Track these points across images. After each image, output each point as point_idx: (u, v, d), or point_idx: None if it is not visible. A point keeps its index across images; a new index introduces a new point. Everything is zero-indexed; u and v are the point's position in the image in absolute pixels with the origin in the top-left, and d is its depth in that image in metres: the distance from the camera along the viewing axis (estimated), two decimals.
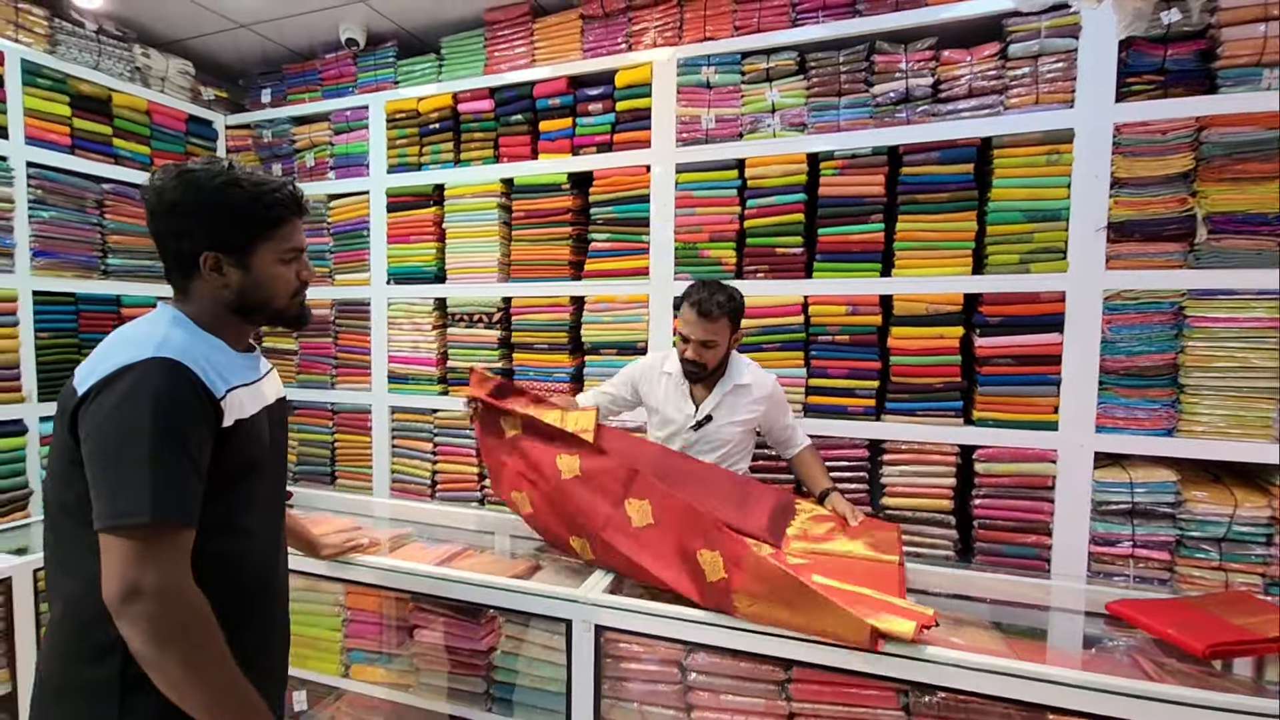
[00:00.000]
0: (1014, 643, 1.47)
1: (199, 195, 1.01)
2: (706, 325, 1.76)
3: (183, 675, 0.88)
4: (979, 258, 2.10)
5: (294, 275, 1.12)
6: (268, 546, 1.14)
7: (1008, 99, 2.04)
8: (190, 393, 0.94)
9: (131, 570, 0.86)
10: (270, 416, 1.13)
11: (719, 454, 1.92)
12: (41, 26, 2.62)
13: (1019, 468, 2.03)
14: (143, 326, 1.01)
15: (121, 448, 0.89)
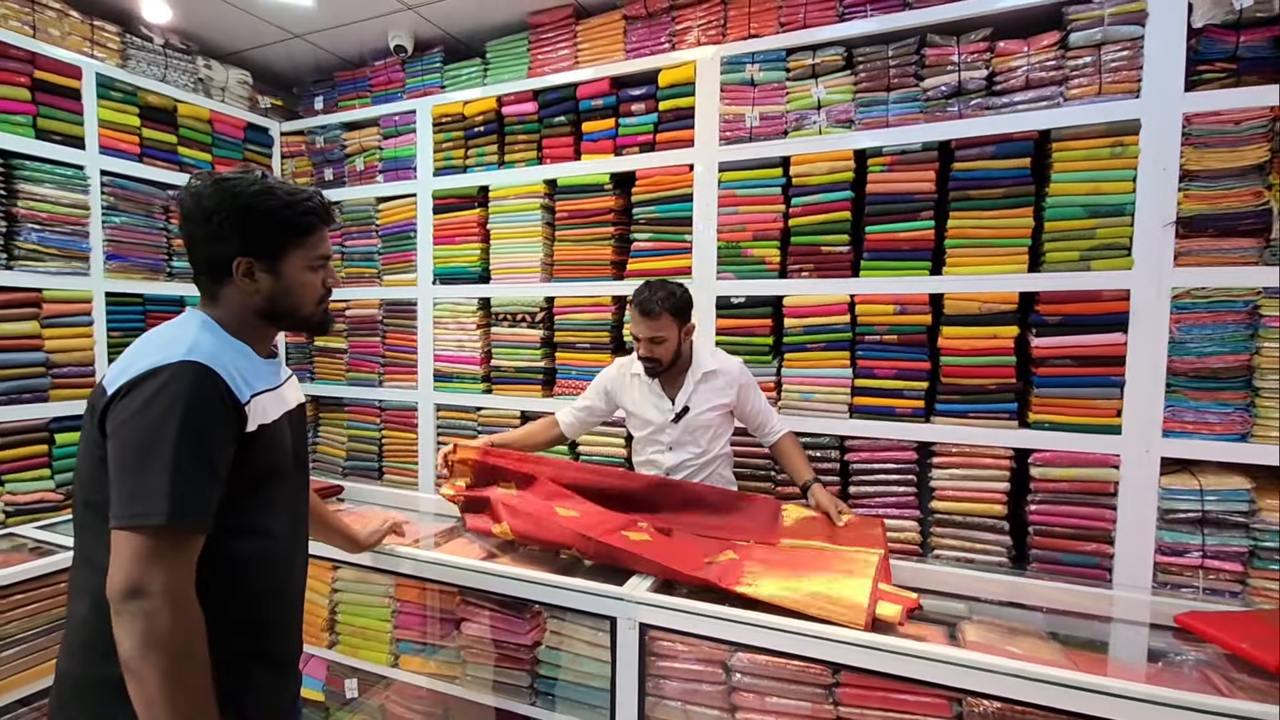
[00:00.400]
0: (1074, 654, 1.42)
1: (234, 202, 1.03)
2: (651, 323, 1.87)
3: (158, 687, 0.87)
4: (1035, 255, 2.02)
5: (320, 282, 1.15)
6: (288, 549, 1.15)
7: (1068, 90, 1.96)
8: (216, 397, 0.95)
9: (139, 568, 0.87)
10: (290, 421, 1.15)
11: (702, 439, 2.01)
12: (114, 42, 2.76)
13: (1079, 473, 1.96)
14: (173, 329, 1.03)
15: (145, 448, 0.90)
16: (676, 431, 2.00)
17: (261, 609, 1.06)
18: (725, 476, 2.12)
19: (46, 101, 2.47)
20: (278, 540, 1.10)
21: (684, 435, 2.00)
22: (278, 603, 1.12)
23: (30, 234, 2.43)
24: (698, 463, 2.02)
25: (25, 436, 2.42)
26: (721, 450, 2.07)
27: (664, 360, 1.93)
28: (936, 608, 1.69)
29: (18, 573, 1.79)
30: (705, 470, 2.04)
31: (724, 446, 2.08)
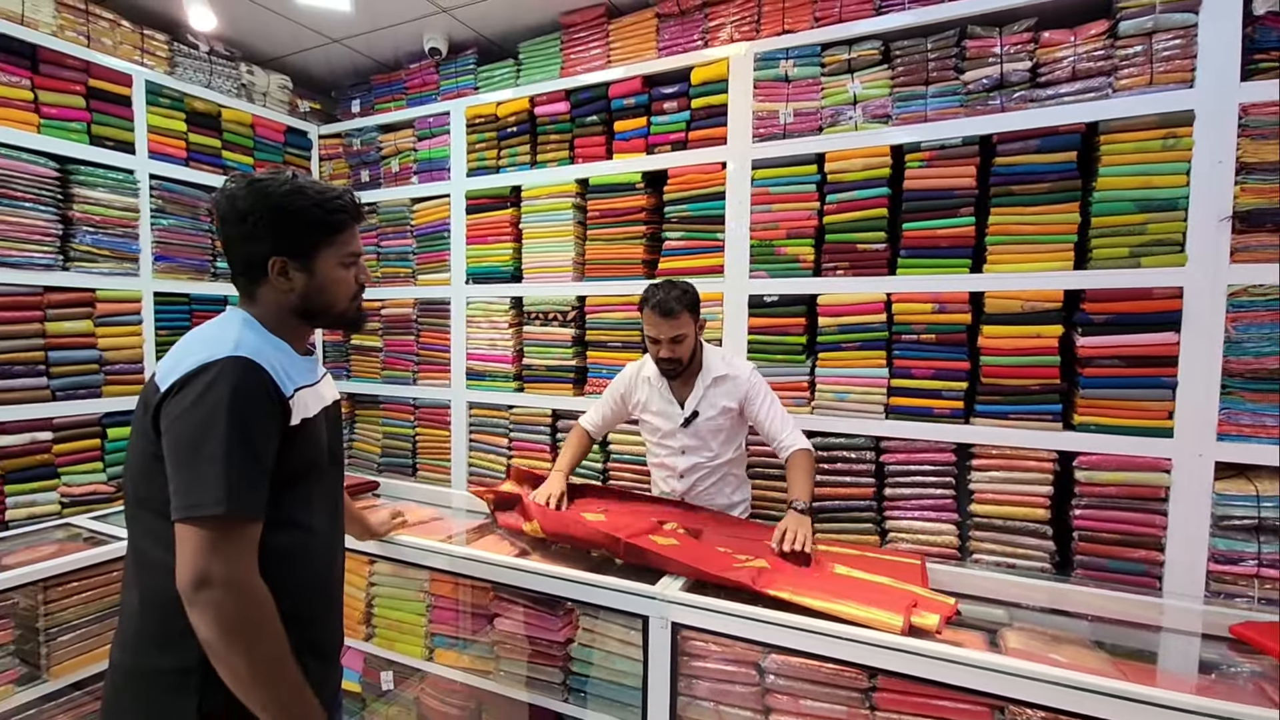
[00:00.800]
0: (1121, 663, 1.37)
1: (267, 202, 1.06)
2: (672, 322, 1.84)
3: (246, 666, 0.92)
4: (1082, 251, 1.96)
5: (353, 279, 1.17)
6: (327, 543, 1.17)
7: (1117, 80, 1.90)
8: (263, 391, 0.98)
9: (203, 560, 0.90)
10: (327, 417, 1.17)
11: (713, 443, 1.99)
12: (163, 50, 2.86)
13: (1127, 476, 1.89)
14: (218, 327, 1.06)
15: (199, 442, 0.92)
16: (687, 436, 1.98)
17: (303, 601, 1.08)
18: (739, 475, 2.11)
19: (100, 109, 2.57)
20: (317, 534, 1.12)
21: (694, 440, 1.98)
22: (318, 594, 1.14)
23: (85, 236, 2.52)
24: (710, 465, 2.00)
25: (80, 431, 2.52)
26: (735, 453, 2.05)
27: (684, 359, 1.90)
28: (976, 613, 1.65)
29: (71, 561, 1.86)
30: (718, 473, 2.02)
31: (737, 449, 2.06)
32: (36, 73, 2.39)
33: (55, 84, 2.44)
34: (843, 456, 2.24)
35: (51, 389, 2.43)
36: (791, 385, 2.32)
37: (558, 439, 2.81)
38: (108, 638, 1.93)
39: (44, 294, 2.41)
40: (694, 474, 2.01)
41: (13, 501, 2.32)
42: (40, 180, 2.39)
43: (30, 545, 2.06)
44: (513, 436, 2.91)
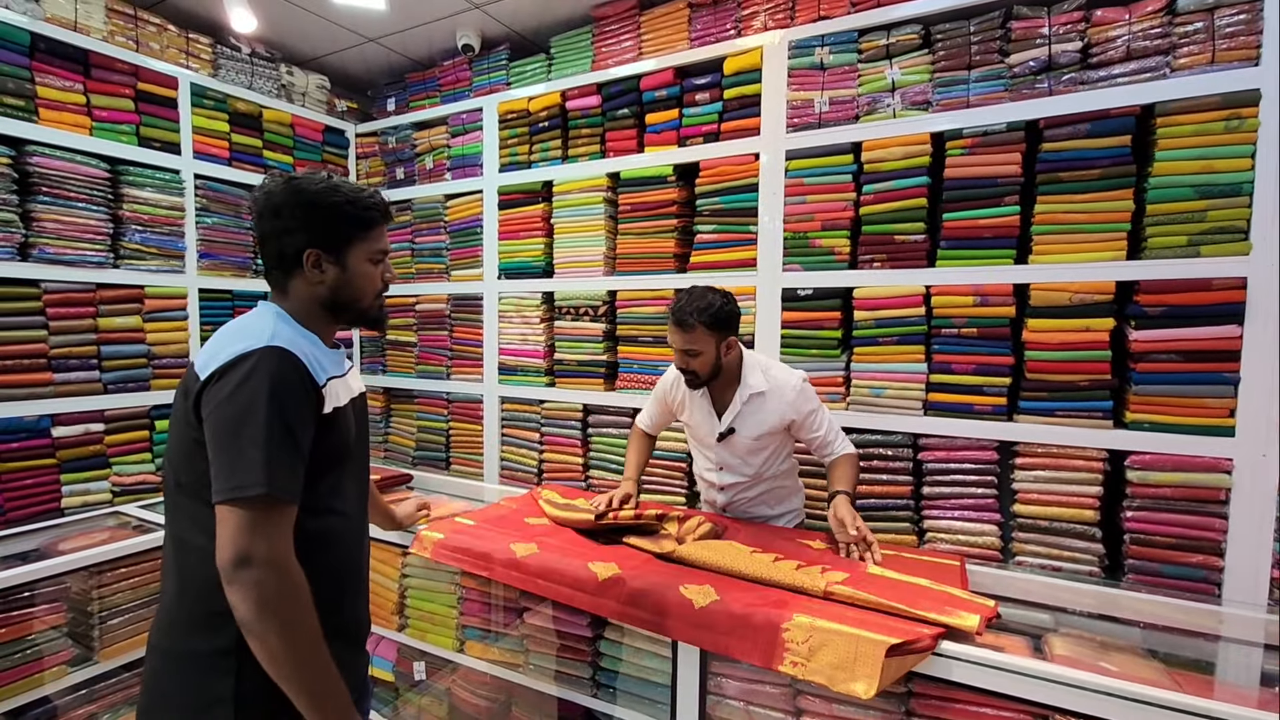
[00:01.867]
0: (1176, 674, 1.30)
1: (303, 198, 1.11)
2: (683, 335, 1.73)
3: (280, 645, 0.94)
4: (1135, 241, 1.87)
5: (379, 276, 1.21)
6: (356, 530, 1.21)
7: (1175, 60, 1.79)
8: (299, 379, 1.02)
9: (244, 539, 0.93)
10: (355, 409, 1.21)
11: (753, 461, 1.88)
12: (207, 53, 2.93)
13: (1183, 477, 1.79)
14: (253, 319, 1.09)
15: (239, 426, 0.96)
16: (724, 452, 1.88)
17: (334, 585, 1.11)
18: (787, 487, 2.00)
19: (148, 111, 2.65)
20: (349, 519, 1.16)
21: (731, 457, 1.88)
22: (349, 579, 1.17)
23: (134, 235, 2.61)
24: (749, 482, 1.92)
25: (129, 423, 2.62)
26: (779, 470, 1.93)
27: (701, 373, 1.78)
28: (1019, 618, 1.59)
29: (122, 548, 1.94)
30: (760, 488, 1.93)
31: (781, 466, 1.94)
32: (89, 77, 2.48)
33: (106, 88, 2.52)
34: (879, 454, 2.19)
35: (103, 382, 2.52)
36: (826, 380, 2.27)
37: (589, 434, 2.81)
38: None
39: (96, 290, 2.50)
40: (733, 490, 1.94)
41: (68, 490, 2.42)
42: (92, 181, 2.48)
43: (83, 532, 2.15)
44: (544, 431, 2.92)
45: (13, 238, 2.28)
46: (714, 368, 1.78)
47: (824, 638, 1.19)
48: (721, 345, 1.76)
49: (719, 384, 1.86)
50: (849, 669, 1.15)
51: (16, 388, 2.29)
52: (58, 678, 1.80)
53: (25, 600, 1.76)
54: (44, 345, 2.36)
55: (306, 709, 0.97)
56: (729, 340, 1.78)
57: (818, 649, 1.19)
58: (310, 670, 0.97)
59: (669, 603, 1.37)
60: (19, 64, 2.29)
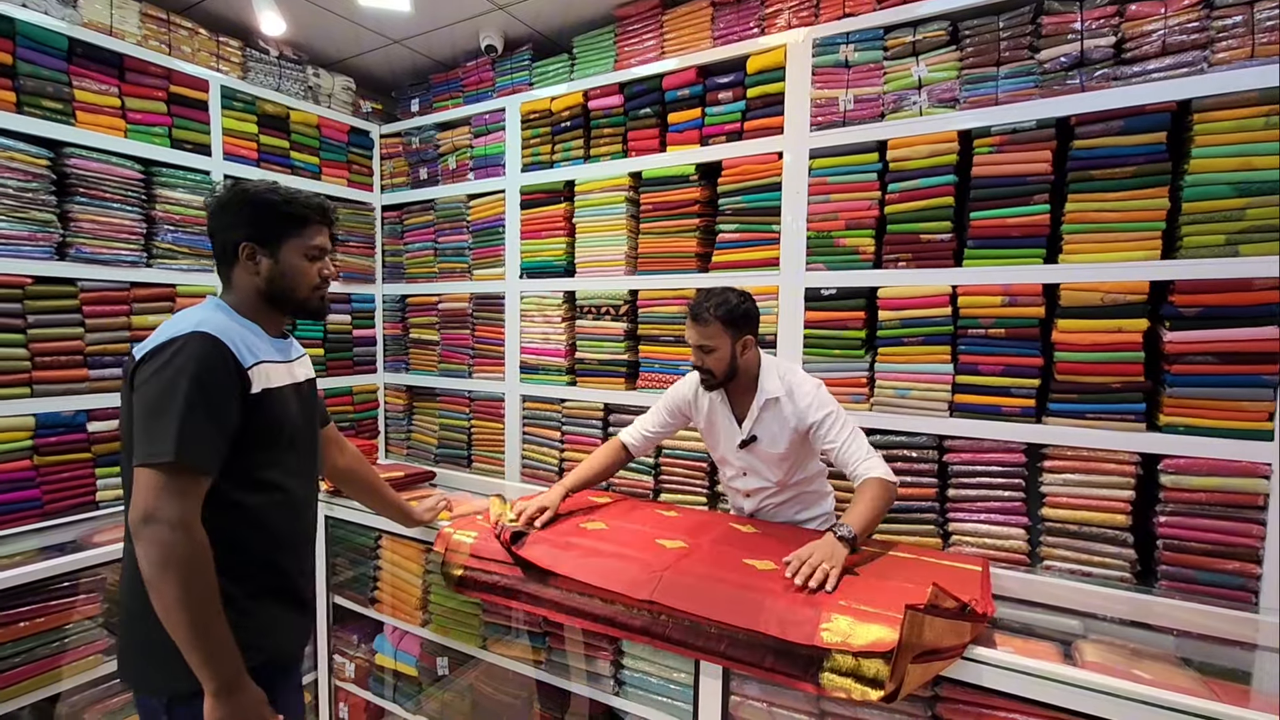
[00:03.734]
0: (1213, 683, 1.27)
1: (244, 197, 1.24)
2: (699, 329, 1.72)
3: (174, 600, 1.03)
4: (1170, 240, 1.83)
5: (316, 272, 1.30)
6: (295, 504, 1.31)
7: (1213, 54, 1.75)
8: (220, 360, 1.12)
9: (151, 499, 1.03)
10: (300, 393, 1.33)
11: (776, 469, 1.83)
12: (236, 56, 2.99)
13: (1218, 482, 1.75)
14: (191, 311, 1.21)
15: (159, 400, 1.07)
16: (748, 457, 1.84)
17: (268, 549, 1.24)
18: (815, 492, 1.94)
19: (180, 113, 2.71)
20: (288, 494, 1.27)
21: (756, 462, 1.84)
22: (288, 547, 1.29)
23: (166, 234, 2.67)
24: (775, 488, 1.88)
25: None
26: (806, 475, 1.88)
27: (716, 372, 1.74)
28: (1047, 623, 1.57)
29: None
30: (786, 495, 1.89)
31: (808, 472, 1.89)
32: (123, 80, 2.54)
33: (140, 91, 2.58)
34: (903, 455, 2.16)
35: None
36: (849, 381, 2.25)
37: (609, 432, 2.81)
38: None
39: (130, 289, 2.56)
40: (759, 495, 1.90)
41: (102, 484, 2.47)
42: (126, 182, 2.54)
43: (117, 524, 2.20)
44: (565, 430, 2.93)
45: (51, 237, 2.34)
46: (730, 367, 1.75)
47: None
48: (737, 344, 1.73)
49: (738, 389, 1.83)
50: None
51: (54, 384, 2.35)
52: (92, 666, 1.84)
53: (62, 591, 1.81)
54: (80, 342, 2.42)
55: (195, 664, 1.06)
56: (745, 339, 1.74)
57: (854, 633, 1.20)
58: (201, 627, 1.05)
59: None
60: (57, 68, 2.35)
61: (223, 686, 1.08)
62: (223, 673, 1.08)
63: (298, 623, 1.36)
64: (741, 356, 1.75)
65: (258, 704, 1.13)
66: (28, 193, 2.28)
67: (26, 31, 2.27)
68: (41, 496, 2.31)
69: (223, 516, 1.13)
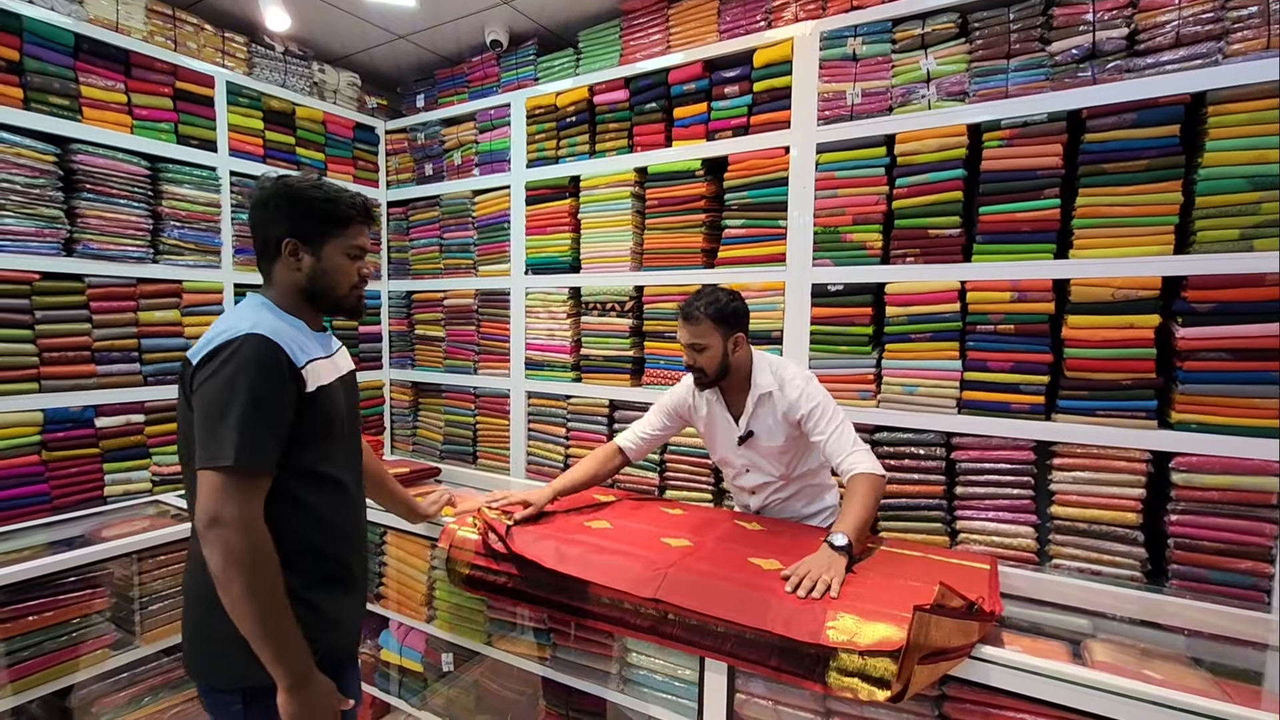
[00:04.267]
0: (1225, 683, 1.26)
1: (287, 193, 1.24)
2: (690, 328, 1.74)
3: (241, 597, 1.07)
4: (1183, 234, 1.80)
5: (355, 271, 1.32)
6: (348, 495, 1.33)
7: (1228, 45, 1.72)
8: (276, 362, 1.14)
9: (215, 502, 1.07)
10: (344, 385, 1.34)
11: (777, 464, 1.85)
12: (242, 52, 2.99)
13: (1231, 480, 1.73)
14: (240, 311, 1.23)
15: (216, 405, 1.09)
16: (748, 454, 1.86)
17: (321, 538, 1.25)
18: (818, 485, 1.95)
19: (186, 109, 2.71)
20: (337, 483, 1.29)
21: (756, 458, 1.86)
22: (339, 533, 1.30)
23: (173, 231, 2.67)
24: (778, 483, 1.89)
25: (169, 414, 2.67)
26: (808, 468, 1.90)
27: (708, 370, 1.76)
28: (1056, 622, 1.56)
29: (163, 535, 1.99)
30: (789, 490, 1.91)
31: (810, 464, 1.90)
32: (129, 77, 2.54)
33: (146, 87, 2.58)
34: (910, 453, 2.15)
35: (144, 374, 2.59)
36: (856, 378, 2.23)
37: (615, 429, 2.81)
38: None
39: (137, 285, 2.57)
40: (765, 491, 1.92)
41: (110, 479, 2.49)
42: (133, 178, 2.54)
43: (125, 519, 2.22)
44: (570, 426, 2.92)
45: (59, 234, 2.34)
46: (722, 365, 1.76)
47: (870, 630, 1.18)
48: (729, 341, 1.75)
49: (732, 387, 1.84)
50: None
51: (62, 379, 2.36)
52: (100, 661, 1.85)
53: (71, 585, 1.81)
54: (88, 338, 2.43)
55: (266, 660, 1.10)
56: (736, 337, 1.76)
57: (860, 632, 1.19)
58: (269, 624, 1.09)
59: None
60: (64, 64, 2.36)
61: (295, 681, 1.11)
62: (294, 668, 1.11)
63: (357, 610, 1.38)
64: (733, 354, 1.77)
65: (328, 695, 1.17)
66: (35, 189, 2.28)
67: (33, 28, 2.27)
68: (50, 491, 2.32)
69: (281, 512, 1.15)
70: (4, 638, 1.69)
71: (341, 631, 1.31)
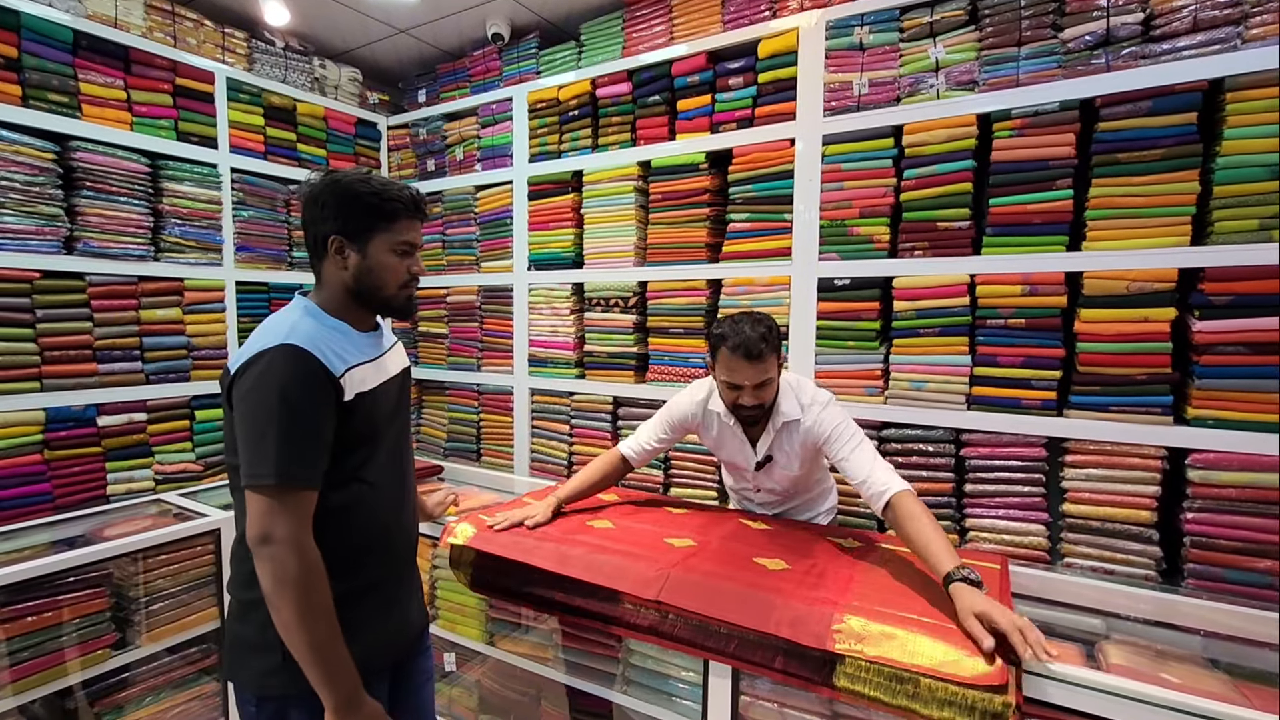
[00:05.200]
0: (1244, 686, 1.22)
1: (335, 189, 1.20)
2: (757, 367, 1.56)
3: (292, 615, 1.06)
4: (1200, 225, 1.75)
5: (404, 268, 1.26)
6: (391, 496, 1.29)
7: (1247, 30, 1.67)
8: (310, 374, 1.10)
9: (264, 520, 1.06)
10: (394, 386, 1.30)
11: (793, 486, 1.84)
12: (242, 48, 2.97)
13: (1250, 477, 1.68)
14: (281, 316, 1.19)
15: (256, 422, 1.08)
16: (761, 477, 1.81)
17: (362, 547, 1.22)
18: (824, 489, 1.97)
19: (186, 106, 2.69)
20: (380, 489, 1.25)
21: (769, 480, 1.82)
22: (375, 542, 1.25)
23: (174, 228, 2.66)
24: (785, 497, 1.90)
25: (171, 412, 2.67)
26: (818, 486, 1.91)
27: (768, 404, 1.65)
28: (1069, 623, 1.52)
29: (165, 534, 1.98)
30: (796, 500, 1.91)
31: (819, 483, 1.91)
32: (129, 73, 2.53)
33: (146, 83, 2.57)
34: (919, 450, 2.11)
35: (145, 373, 2.58)
36: (863, 374, 2.20)
37: (619, 426, 2.78)
38: (197, 606, 2.06)
39: (138, 283, 2.55)
40: (772, 506, 1.92)
41: (113, 478, 2.48)
42: (133, 175, 2.53)
43: (127, 518, 2.21)
44: (574, 424, 2.90)
45: (59, 232, 2.33)
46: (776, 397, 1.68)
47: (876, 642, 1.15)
48: (779, 366, 1.66)
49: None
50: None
51: (64, 378, 2.35)
52: (101, 660, 1.85)
53: (72, 585, 1.80)
54: (89, 337, 2.42)
55: (315, 681, 1.08)
56: (782, 359, 1.70)
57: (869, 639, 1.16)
58: (319, 645, 1.07)
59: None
60: (63, 61, 2.34)
61: (342, 703, 1.10)
62: (342, 689, 1.10)
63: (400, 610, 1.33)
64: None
65: (377, 717, 1.15)
66: (35, 187, 2.27)
67: (32, 24, 2.26)
68: (52, 490, 2.31)
69: (323, 518, 1.13)
70: (6, 637, 1.68)
71: (359, 645, 1.17)
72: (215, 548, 2.08)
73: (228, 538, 2.08)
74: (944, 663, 1.08)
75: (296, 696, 1.13)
